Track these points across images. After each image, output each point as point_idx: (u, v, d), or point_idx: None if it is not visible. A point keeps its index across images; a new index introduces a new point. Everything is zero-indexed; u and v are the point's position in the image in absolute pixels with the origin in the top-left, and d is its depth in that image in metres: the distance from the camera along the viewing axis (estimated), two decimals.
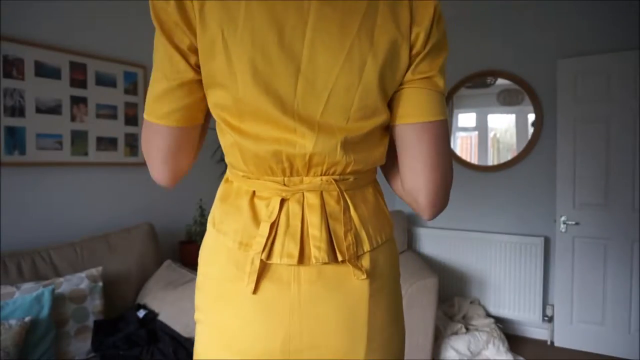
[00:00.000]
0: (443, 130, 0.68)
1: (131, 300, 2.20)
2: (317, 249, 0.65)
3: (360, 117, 0.66)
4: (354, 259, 0.67)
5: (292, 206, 0.67)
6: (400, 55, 0.65)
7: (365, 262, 0.69)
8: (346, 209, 0.69)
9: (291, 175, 0.68)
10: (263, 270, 0.66)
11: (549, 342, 2.94)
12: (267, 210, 0.67)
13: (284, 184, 0.68)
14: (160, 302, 2.06)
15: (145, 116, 0.68)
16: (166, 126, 0.67)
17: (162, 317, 2.00)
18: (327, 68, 0.63)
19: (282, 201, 0.67)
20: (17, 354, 1.55)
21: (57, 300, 1.79)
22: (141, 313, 2.00)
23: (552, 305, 2.94)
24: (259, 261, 0.65)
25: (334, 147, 0.66)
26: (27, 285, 1.76)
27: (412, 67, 0.67)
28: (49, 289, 1.74)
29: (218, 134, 0.72)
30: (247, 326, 0.66)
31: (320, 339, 0.66)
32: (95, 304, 1.92)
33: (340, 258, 0.65)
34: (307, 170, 0.67)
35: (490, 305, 3.11)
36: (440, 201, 0.70)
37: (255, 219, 0.68)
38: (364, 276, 0.67)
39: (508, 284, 3.05)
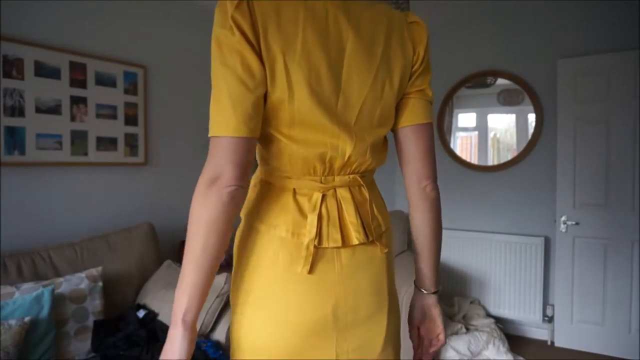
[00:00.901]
0: (432, 129, 0.93)
1: (131, 300, 2.20)
2: (357, 233, 0.83)
3: (379, 124, 0.86)
4: (379, 238, 0.87)
5: (329, 200, 0.83)
6: (406, 76, 0.87)
7: (383, 240, 0.89)
8: (370, 200, 0.88)
9: (328, 174, 0.83)
10: (315, 254, 0.80)
11: (549, 342, 2.94)
12: (310, 204, 0.82)
13: (321, 182, 0.83)
14: (160, 302, 2.06)
15: (217, 133, 0.74)
16: (244, 137, 0.74)
17: (162, 317, 2.00)
18: (359, 87, 0.81)
19: (323, 196, 0.82)
20: (17, 354, 1.55)
21: (57, 300, 1.79)
22: (141, 313, 2.00)
23: (552, 305, 2.94)
24: (313, 246, 0.79)
25: (365, 150, 0.84)
26: (27, 285, 1.76)
27: (411, 81, 0.89)
28: (49, 289, 1.74)
29: (261, 143, 0.84)
30: (304, 300, 0.80)
31: (359, 302, 0.84)
32: (95, 304, 1.92)
33: (370, 238, 0.85)
34: (340, 170, 0.84)
35: (490, 305, 3.11)
36: (435, 175, 0.97)
37: (302, 212, 0.81)
38: (386, 250, 0.89)
39: (508, 284, 3.05)
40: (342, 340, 0.82)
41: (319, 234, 0.80)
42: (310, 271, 0.79)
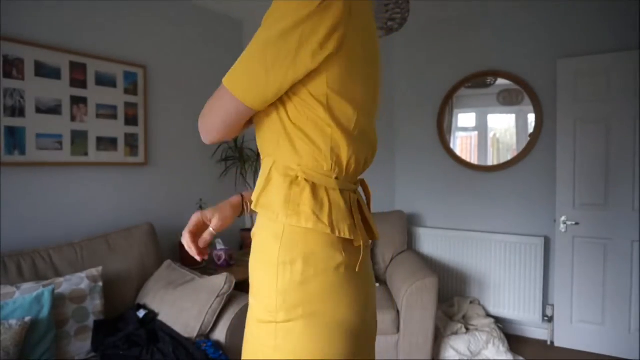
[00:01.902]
0: None
1: (131, 300, 2.20)
2: (377, 231, 0.89)
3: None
4: None
5: (354, 200, 0.85)
6: None
7: None
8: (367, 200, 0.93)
9: (357, 175, 0.87)
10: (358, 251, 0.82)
11: (549, 342, 2.94)
12: (348, 203, 0.82)
13: (354, 183, 0.86)
14: (160, 302, 2.06)
15: (237, 93, 0.77)
16: (250, 107, 0.78)
17: (162, 317, 2.00)
18: (378, 98, 0.89)
19: (353, 196, 0.85)
20: (17, 354, 1.55)
21: (57, 300, 1.79)
22: (141, 313, 2.00)
23: (552, 305, 2.94)
24: (360, 244, 0.80)
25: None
26: (27, 285, 1.76)
27: None
28: (49, 289, 1.74)
29: (315, 139, 0.79)
30: (358, 300, 0.79)
31: (375, 293, 0.90)
32: (95, 304, 1.92)
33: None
34: (362, 172, 0.88)
35: (490, 305, 3.11)
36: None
37: (349, 211, 0.81)
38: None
39: (508, 284, 3.05)
40: (373, 339, 0.88)
41: (356, 232, 0.82)
42: (359, 269, 0.81)
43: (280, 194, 0.78)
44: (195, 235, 0.92)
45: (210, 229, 0.91)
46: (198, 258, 0.93)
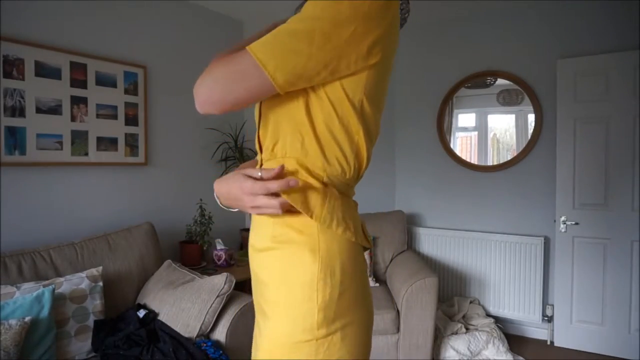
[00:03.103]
0: None
1: (131, 300, 2.20)
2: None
3: None
4: None
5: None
6: None
7: None
8: None
9: None
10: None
11: (548, 342, 2.94)
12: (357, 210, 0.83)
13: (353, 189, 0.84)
14: (160, 302, 2.06)
15: (268, 67, 0.66)
16: (276, 86, 0.68)
17: (162, 317, 2.00)
18: None
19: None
20: (18, 354, 1.55)
21: (57, 300, 1.79)
22: (141, 313, 2.00)
23: (552, 305, 2.94)
24: (369, 247, 0.83)
25: None
26: (27, 285, 1.76)
27: None
28: (49, 289, 1.74)
29: (344, 145, 0.75)
30: (373, 305, 0.84)
31: None
32: (95, 304, 1.92)
33: None
34: None
35: (490, 305, 3.11)
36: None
37: (358, 218, 0.81)
38: None
39: (508, 284, 3.05)
40: None
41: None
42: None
43: (317, 202, 0.72)
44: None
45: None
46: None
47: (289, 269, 0.72)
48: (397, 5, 0.72)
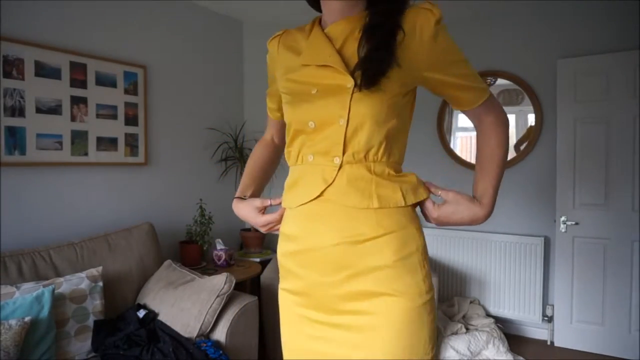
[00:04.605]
0: None
1: (131, 300, 2.20)
2: None
3: None
4: None
5: None
6: None
7: None
8: None
9: None
10: None
11: (549, 342, 2.94)
12: None
13: None
14: (160, 302, 2.06)
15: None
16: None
17: (162, 317, 2.00)
18: None
19: None
20: (17, 354, 1.55)
21: (57, 300, 1.79)
22: (141, 313, 2.00)
23: (552, 305, 2.94)
24: None
25: None
26: (27, 285, 1.76)
27: None
28: (49, 289, 1.74)
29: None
30: None
31: None
32: (95, 304, 1.92)
33: None
34: None
35: (490, 305, 3.11)
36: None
37: None
38: None
39: (508, 284, 3.05)
40: None
41: None
42: None
43: (415, 189, 0.89)
44: (269, 222, 0.99)
45: (270, 202, 0.98)
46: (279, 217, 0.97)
47: (404, 247, 0.83)
48: None
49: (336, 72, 0.82)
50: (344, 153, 0.83)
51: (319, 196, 0.84)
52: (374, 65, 0.78)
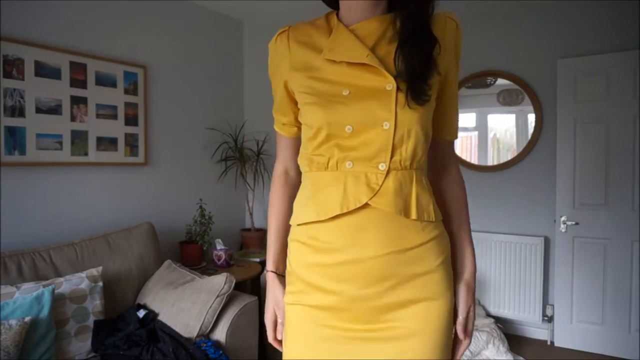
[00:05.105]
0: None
1: (131, 300, 2.20)
2: None
3: None
4: None
5: None
6: None
7: None
8: None
9: None
10: None
11: (549, 342, 2.94)
12: None
13: None
14: (160, 302, 2.06)
15: None
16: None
17: (162, 317, 2.00)
18: None
19: None
20: (17, 354, 1.55)
21: (57, 300, 1.79)
22: (141, 313, 2.00)
23: (552, 305, 2.94)
24: None
25: None
26: (27, 285, 1.76)
27: None
28: (49, 289, 1.74)
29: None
30: None
31: None
32: (95, 304, 1.92)
33: None
34: None
35: (490, 305, 3.11)
36: None
37: None
38: None
39: (508, 284, 3.05)
40: None
41: None
42: None
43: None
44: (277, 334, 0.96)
45: (280, 320, 0.95)
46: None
47: (443, 252, 0.85)
48: None
49: (375, 72, 0.78)
50: (391, 158, 0.78)
51: (364, 205, 0.78)
52: (421, 78, 0.78)
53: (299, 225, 0.87)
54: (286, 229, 0.95)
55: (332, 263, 0.80)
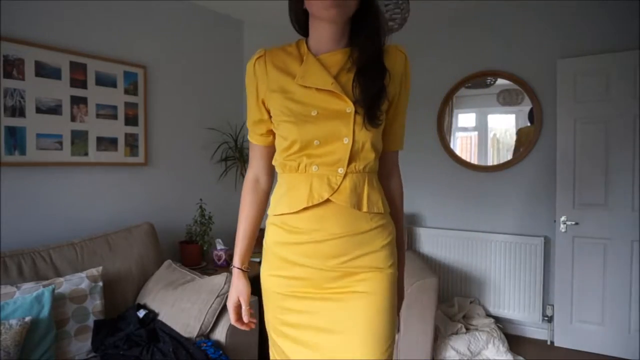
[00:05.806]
0: None
1: (131, 300, 2.20)
2: None
3: None
4: None
5: None
6: None
7: None
8: None
9: None
10: None
11: (548, 342, 2.94)
12: None
13: None
14: (160, 302, 2.06)
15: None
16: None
17: (162, 317, 2.00)
18: None
19: None
20: (18, 354, 1.55)
21: (57, 300, 1.79)
22: (141, 313, 2.00)
23: (552, 305, 2.94)
24: None
25: None
26: (27, 285, 1.76)
27: None
28: (49, 289, 1.74)
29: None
30: None
31: None
32: (95, 304, 1.92)
33: None
34: None
35: (490, 305, 3.11)
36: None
37: None
38: None
39: (508, 284, 3.05)
40: None
41: None
42: None
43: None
44: (240, 317, 1.18)
45: (244, 307, 1.18)
46: (248, 328, 1.20)
47: (386, 237, 1.04)
48: None
49: (338, 97, 0.97)
50: (348, 165, 0.98)
51: (326, 200, 0.98)
52: (375, 106, 0.98)
53: (275, 215, 1.06)
54: (252, 233, 1.19)
55: (300, 242, 1.01)
